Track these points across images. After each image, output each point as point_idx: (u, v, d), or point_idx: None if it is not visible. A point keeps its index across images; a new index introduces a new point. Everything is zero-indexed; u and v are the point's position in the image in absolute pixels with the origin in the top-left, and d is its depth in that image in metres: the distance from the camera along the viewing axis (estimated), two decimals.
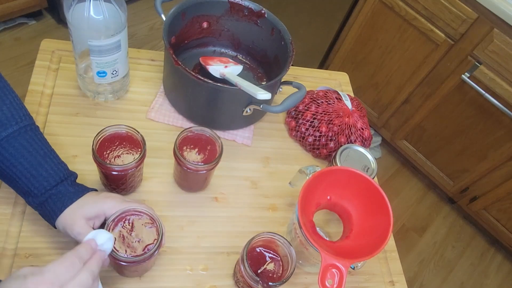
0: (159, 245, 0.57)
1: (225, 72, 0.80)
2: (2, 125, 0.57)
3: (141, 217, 0.59)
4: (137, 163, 0.63)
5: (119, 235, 0.57)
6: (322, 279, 0.56)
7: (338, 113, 0.85)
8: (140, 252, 0.57)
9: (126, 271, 0.62)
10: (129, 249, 0.57)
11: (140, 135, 0.65)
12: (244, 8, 0.85)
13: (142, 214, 0.59)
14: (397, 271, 0.78)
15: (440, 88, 1.65)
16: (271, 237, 0.63)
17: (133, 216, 0.59)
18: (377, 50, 1.77)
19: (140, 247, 0.57)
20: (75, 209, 0.57)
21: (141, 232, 0.58)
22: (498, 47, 1.41)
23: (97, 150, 0.63)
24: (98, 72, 0.73)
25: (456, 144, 1.74)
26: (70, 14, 0.65)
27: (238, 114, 0.80)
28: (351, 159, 0.78)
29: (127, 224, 0.58)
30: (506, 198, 1.68)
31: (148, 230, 0.59)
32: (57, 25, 2.05)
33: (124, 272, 0.63)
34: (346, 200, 0.68)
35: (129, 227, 0.58)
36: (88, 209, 0.57)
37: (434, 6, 1.49)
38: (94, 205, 0.58)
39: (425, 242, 1.91)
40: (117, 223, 0.58)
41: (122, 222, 0.58)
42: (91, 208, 0.58)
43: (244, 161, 0.83)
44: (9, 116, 0.58)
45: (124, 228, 0.58)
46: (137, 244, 0.57)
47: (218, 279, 0.68)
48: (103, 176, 0.67)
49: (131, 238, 0.57)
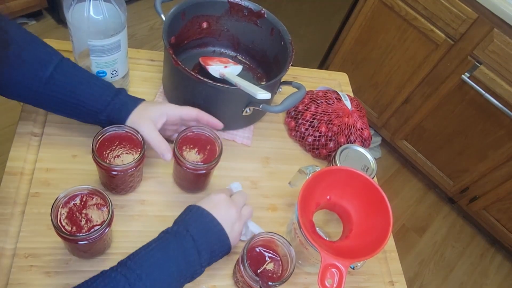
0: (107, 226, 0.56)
1: (224, 72, 0.80)
2: (46, 61, 0.64)
3: (94, 197, 0.59)
4: (137, 163, 0.63)
5: (69, 211, 0.57)
6: (322, 279, 0.56)
7: (337, 113, 0.85)
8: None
9: (74, 250, 0.62)
10: (75, 227, 0.56)
11: (139, 136, 0.65)
12: (244, 8, 0.85)
13: (94, 196, 0.59)
14: (396, 271, 0.78)
15: (440, 88, 1.65)
16: (271, 237, 0.63)
17: (86, 196, 0.59)
18: (377, 50, 1.77)
19: (86, 227, 0.57)
20: (140, 112, 0.67)
21: (92, 212, 0.58)
22: (498, 47, 1.41)
23: (97, 150, 0.63)
24: (97, 72, 0.73)
25: (456, 144, 1.74)
26: (70, 14, 0.65)
27: (238, 114, 0.80)
28: (350, 159, 0.78)
29: (78, 202, 0.58)
30: (506, 198, 1.68)
31: (97, 211, 0.58)
32: (57, 25, 2.05)
33: (74, 252, 0.63)
34: (345, 200, 0.68)
35: (80, 206, 0.58)
36: (153, 111, 0.67)
37: (434, 6, 1.49)
38: (157, 107, 0.68)
39: (425, 242, 1.91)
40: (69, 201, 0.58)
41: (74, 200, 0.58)
42: (154, 110, 0.67)
43: (244, 161, 0.83)
44: (47, 53, 0.65)
45: (75, 206, 0.58)
46: (84, 223, 0.57)
47: (218, 279, 0.68)
48: (103, 176, 0.67)
49: (79, 216, 0.57)
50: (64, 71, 0.65)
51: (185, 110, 0.70)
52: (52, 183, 0.69)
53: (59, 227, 0.55)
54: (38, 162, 0.70)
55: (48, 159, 0.71)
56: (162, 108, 0.68)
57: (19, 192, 0.67)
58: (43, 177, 0.69)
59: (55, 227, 0.55)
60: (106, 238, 0.61)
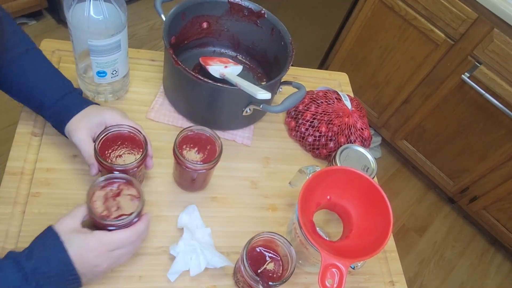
0: (135, 217, 0.57)
1: (225, 72, 0.80)
2: (9, 47, 0.65)
3: (129, 188, 0.60)
4: (139, 163, 0.63)
5: (104, 195, 0.59)
6: (322, 279, 0.56)
7: (337, 113, 0.85)
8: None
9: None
10: (106, 211, 0.57)
11: (142, 135, 0.66)
12: (244, 8, 0.85)
13: (130, 187, 0.60)
14: (397, 271, 0.78)
15: (440, 88, 1.65)
16: (271, 237, 0.63)
17: (124, 185, 0.60)
18: (377, 50, 1.77)
19: (116, 214, 0.58)
20: (80, 118, 0.65)
21: (124, 201, 0.59)
22: (498, 47, 1.41)
23: (99, 149, 0.64)
24: (98, 72, 0.73)
25: (456, 144, 1.74)
26: (70, 14, 0.65)
27: (238, 114, 0.80)
28: (350, 159, 0.78)
29: (115, 188, 0.60)
30: (506, 198, 1.68)
31: (130, 202, 0.59)
32: (57, 25, 2.05)
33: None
34: (346, 200, 0.68)
35: (115, 193, 0.59)
36: (92, 118, 0.65)
37: (434, 6, 1.49)
38: (97, 113, 0.66)
39: (425, 242, 1.91)
40: (106, 185, 0.59)
41: (112, 186, 0.60)
42: (94, 117, 0.65)
43: (244, 161, 0.83)
44: (12, 41, 0.66)
45: (111, 191, 0.59)
46: (115, 210, 0.58)
47: (218, 279, 0.68)
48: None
49: (112, 202, 0.58)
50: (28, 59, 0.67)
51: (126, 122, 0.67)
52: (53, 183, 0.69)
53: (90, 208, 0.56)
54: (38, 162, 0.70)
55: (49, 159, 0.71)
56: (102, 117, 0.66)
57: (19, 192, 0.67)
58: (44, 177, 0.69)
59: (88, 207, 0.56)
60: None
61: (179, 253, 0.65)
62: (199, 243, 0.66)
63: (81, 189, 0.70)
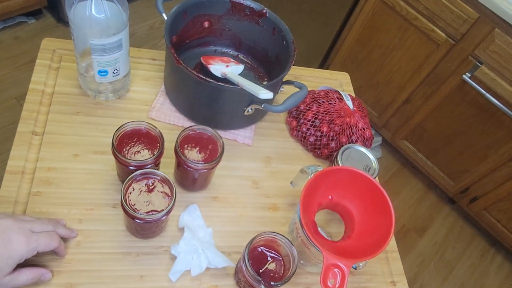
0: (164, 215, 0.59)
1: (226, 72, 0.80)
2: None
3: (163, 185, 0.62)
4: (155, 159, 0.64)
5: (139, 188, 0.61)
6: (324, 279, 0.56)
7: (339, 113, 0.85)
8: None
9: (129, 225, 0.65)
10: (137, 204, 0.60)
11: (158, 131, 0.66)
12: (246, 7, 0.85)
13: (164, 184, 0.62)
14: (398, 271, 0.78)
15: (441, 88, 1.65)
16: (273, 236, 0.62)
17: (158, 182, 0.62)
18: (378, 50, 1.76)
19: (146, 209, 0.60)
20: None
21: (156, 197, 0.61)
22: (499, 47, 1.41)
23: (116, 145, 0.64)
24: (99, 71, 0.73)
25: (457, 144, 1.74)
26: (71, 12, 0.65)
27: (240, 114, 0.79)
28: (352, 159, 0.78)
29: (150, 183, 0.62)
30: (507, 198, 1.68)
31: (162, 199, 0.61)
32: (57, 24, 2.04)
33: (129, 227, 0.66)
34: (347, 200, 0.68)
35: (150, 188, 0.61)
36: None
37: (435, 6, 1.49)
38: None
39: (425, 242, 1.91)
40: (142, 179, 0.61)
41: (147, 181, 0.62)
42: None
43: (245, 161, 0.83)
44: None
45: (146, 186, 0.61)
46: (147, 205, 0.60)
47: (219, 279, 0.67)
48: (122, 171, 0.68)
49: (145, 196, 0.61)
50: None
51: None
52: (54, 182, 0.69)
53: (124, 200, 0.58)
54: (39, 161, 0.70)
55: (50, 158, 0.71)
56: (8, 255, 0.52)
57: (20, 192, 0.67)
58: (45, 176, 0.69)
59: (122, 198, 0.58)
60: (160, 225, 0.65)
61: (180, 253, 0.65)
62: (201, 243, 0.66)
63: (82, 188, 0.69)
